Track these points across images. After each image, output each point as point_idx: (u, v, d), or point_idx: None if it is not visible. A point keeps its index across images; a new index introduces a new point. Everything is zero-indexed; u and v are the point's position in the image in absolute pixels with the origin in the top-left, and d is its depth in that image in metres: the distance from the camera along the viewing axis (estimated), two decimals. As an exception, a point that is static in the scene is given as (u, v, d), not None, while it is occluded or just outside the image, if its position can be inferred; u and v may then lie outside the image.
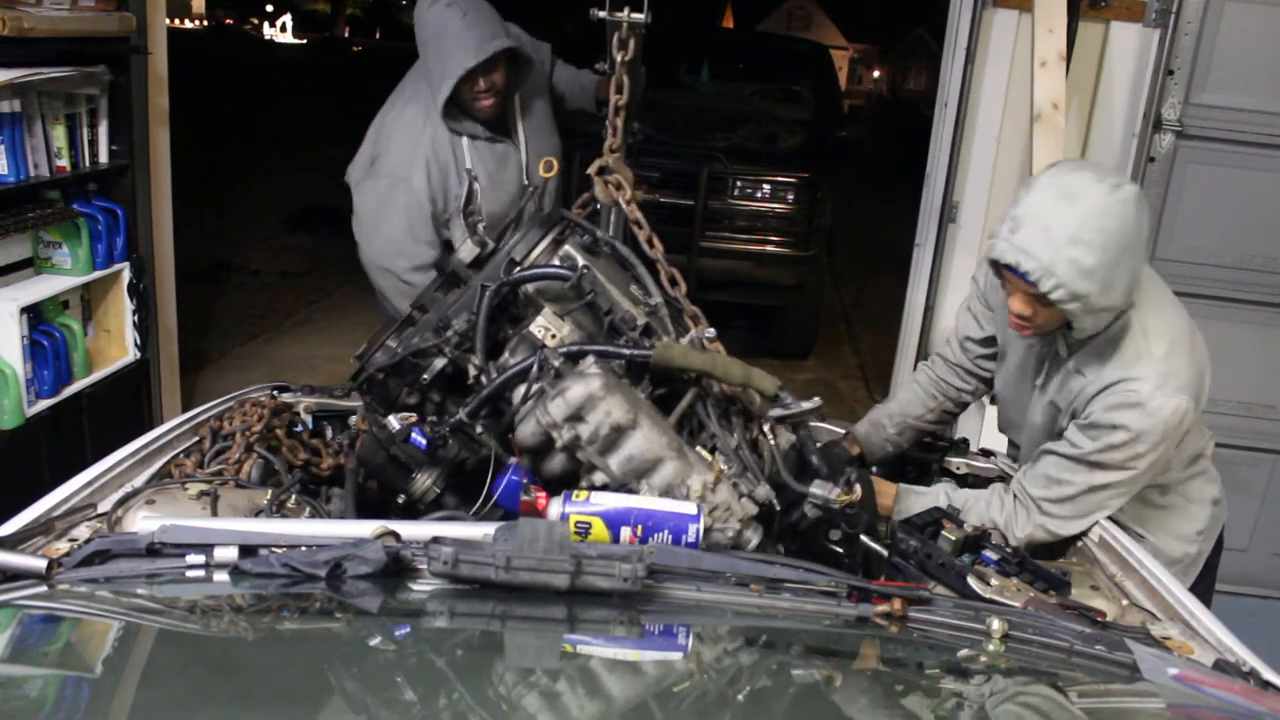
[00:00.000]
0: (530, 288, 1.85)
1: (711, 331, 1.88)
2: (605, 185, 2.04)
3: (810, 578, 1.37)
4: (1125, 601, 1.61)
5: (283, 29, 50.21)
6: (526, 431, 1.63)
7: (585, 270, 1.81)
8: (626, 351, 1.73)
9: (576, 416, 1.59)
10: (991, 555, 1.62)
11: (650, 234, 1.99)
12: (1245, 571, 3.59)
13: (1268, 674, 1.33)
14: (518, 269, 1.85)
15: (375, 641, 1.24)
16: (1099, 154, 3.62)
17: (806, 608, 1.33)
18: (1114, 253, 1.63)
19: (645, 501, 1.51)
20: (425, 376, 1.78)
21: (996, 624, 1.29)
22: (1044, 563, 1.64)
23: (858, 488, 1.65)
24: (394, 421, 1.64)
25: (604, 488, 1.60)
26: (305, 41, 44.56)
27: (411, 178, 2.67)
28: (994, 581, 1.54)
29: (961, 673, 1.32)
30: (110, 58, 3.32)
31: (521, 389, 1.70)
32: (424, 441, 1.62)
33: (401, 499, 1.66)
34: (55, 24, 3.05)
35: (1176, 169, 3.45)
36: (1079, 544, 1.86)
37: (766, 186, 5.58)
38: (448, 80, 2.58)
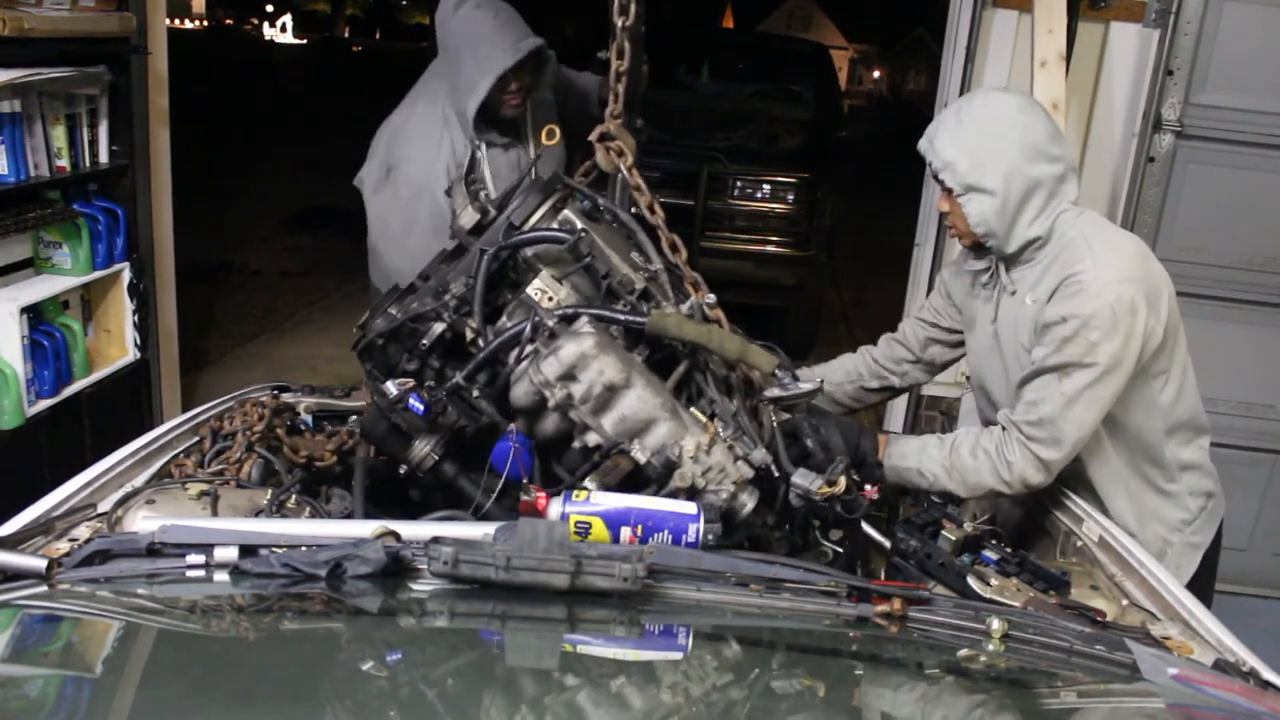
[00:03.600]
0: (529, 252, 1.84)
1: (712, 298, 1.86)
2: (607, 152, 2.02)
3: (810, 578, 1.37)
4: (1125, 601, 1.61)
5: (283, 29, 50.21)
6: (520, 392, 1.63)
7: (583, 234, 1.80)
8: (621, 317, 1.72)
9: (569, 375, 1.58)
10: (991, 555, 1.62)
11: (652, 200, 1.97)
12: (1245, 571, 3.59)
13: (1268, 674, 1.33)
14: (517, 234, 1.85)
15: (375, 641, 1.24)
16: (1099, 154, 3.63)
17: (806, 608, 1.33)
18: (982, 132, 1.84)
19: (645, 501, 1.50)
20: (424, 342, 1.77)
21: (996, 624, 1.29)
22: (1044, 563, 1.64)
23: (842, 480, 1.62)
24: (391, 386, 1.63)
25: (597, 448, 1.59)
26: (305, 42, 44.55)
27: (434, 187, 2.63)
28: (994, 581, 1.54)
29: (961, 673, 1.32)
30: (110, 58, 3.32)
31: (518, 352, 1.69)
32: (421, 407, 1.61)
33: (403, 469, 1.64)
34: (55, 24, 3.05)
35: (1176, 169, 3.45)
36: (1079, 544, 1.86)
37: (766, 186, 5.57)
38: (484, 81, 2.55)
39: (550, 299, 1.81)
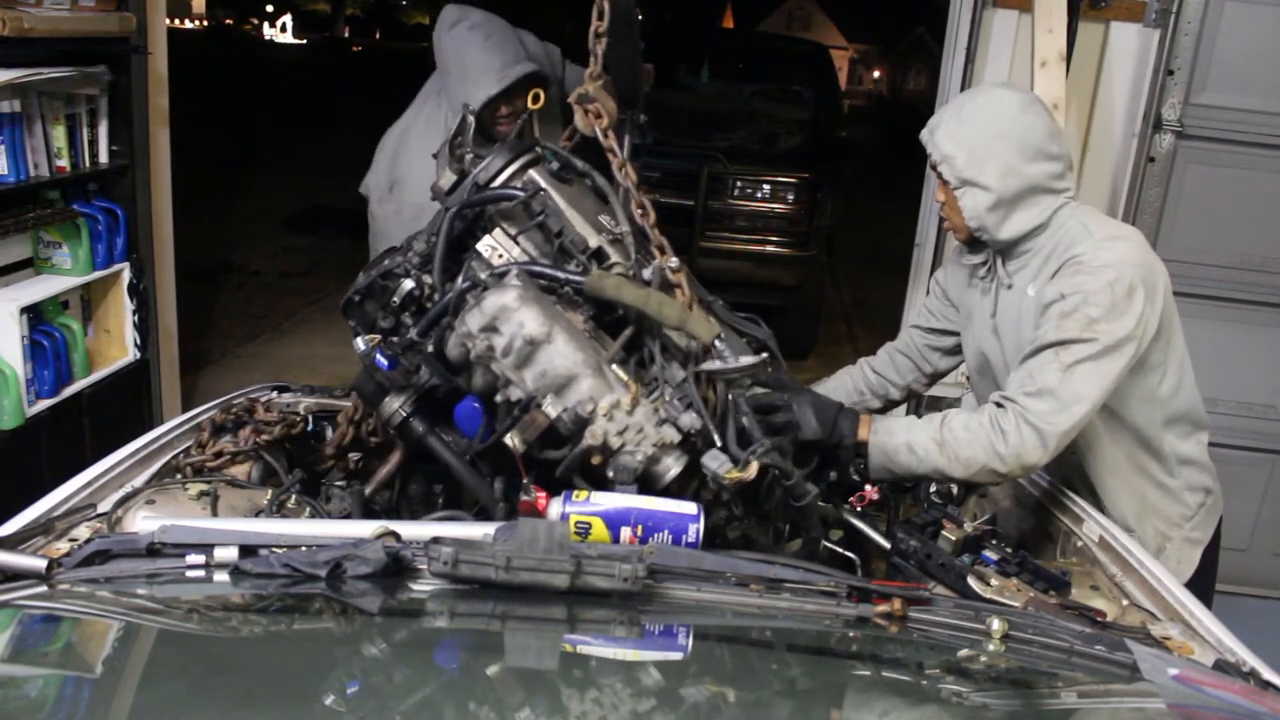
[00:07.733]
0: (492, 210, 1.84)
1: (675, 262, 1.84)
2: (585, 114, 2.01)
3: (810, 578, 1.37)
4: (1125, 601, 1.61)
5: (283, 29, 50.22)
6: (451, 344, 1.65)
7: (538, 192, 1.80)
8: (561, 274, 1.70)
9: (491, 327, 1.57)
10: (991, 555, 1.62)
11: (623, 162, 1.97)
12: (1245, 571, 3.58)
13: (1268, 674, 1.33)
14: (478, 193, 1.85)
15: (375, 641, 1.24)
16: (1099, 154, 3.62)
17: (806, 608, 1.33)
18: (983, 129, 1.86)
19: (645, 501, 1.50)
20: (394, 299, 1.79)
21: (996, 624, 1.29)
22: (1044, 563, 1.64)
23: (753, 465, 1.56)
24: (360, 343, 1.67)
25: (518, 403, 1.58)
26: (305, 42, 44.58)
27: (435, 206, 2.65)
28: (994, 581, 1.54)
29: (961, 673, 1.32)
30: (110, 58, 3.32)
31: None
32: (386, 362, 1.65)
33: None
34: (55, 24, 3.05)
35: (1176, 169, 3.45)
36: (1079, 544, 1.86)
37: (766, 186, 5.58)
38: (471, 106, 2.56)
39: (501, 256, 1.81)
